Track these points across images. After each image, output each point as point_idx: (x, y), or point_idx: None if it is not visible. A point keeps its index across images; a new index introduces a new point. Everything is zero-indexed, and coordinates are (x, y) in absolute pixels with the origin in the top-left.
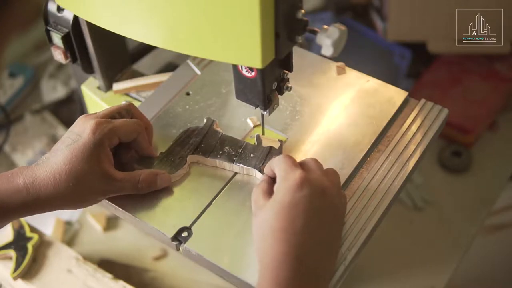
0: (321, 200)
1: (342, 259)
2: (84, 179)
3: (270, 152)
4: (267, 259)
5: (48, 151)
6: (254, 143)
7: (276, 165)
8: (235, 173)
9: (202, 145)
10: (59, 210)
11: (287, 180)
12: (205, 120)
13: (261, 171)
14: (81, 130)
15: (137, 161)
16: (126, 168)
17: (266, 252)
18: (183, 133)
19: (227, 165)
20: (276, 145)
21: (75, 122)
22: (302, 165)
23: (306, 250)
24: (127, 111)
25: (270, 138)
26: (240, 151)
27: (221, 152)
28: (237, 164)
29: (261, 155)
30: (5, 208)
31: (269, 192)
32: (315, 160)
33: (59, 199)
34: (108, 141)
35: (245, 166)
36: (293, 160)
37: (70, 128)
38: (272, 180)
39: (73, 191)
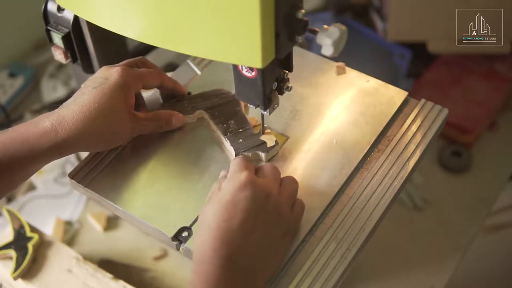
0: (264, 204)
1: (342, 259)
2: (113, 116)
3: (259, 146)
4: (199, 254)
5: None
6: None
7: (231, 165)
8: None
9: (218, 108)
10: (56, 209)
11: (233, 179)
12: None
13: (237, 156)
14: (108, 75)
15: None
16: None
17: (200, 247)
18: (213, 90)
19: (220, 136)
20: (271, 143)
21: (98, 71)
22: (257, 169)
23: (240, 249)
24: (142, 63)
25: (271, 136)
26: (239, 131)
27: (224, 122)
28: (226, 139)
29: (250, 144)
30: (35, 152)
31: None
32: (272, 167)
33: (89, 137)
34: (134, 84)
35: (229, 144)
36: (245, 163)
37: (93, 76)
38: None
39: (102, 128)
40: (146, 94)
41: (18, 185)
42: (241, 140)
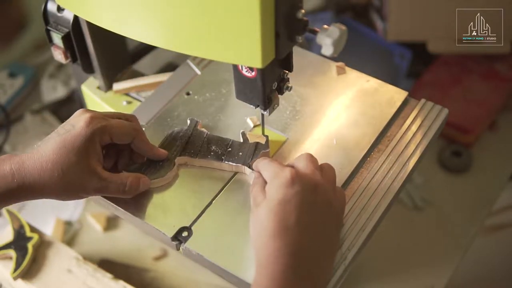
0: (314, 196)
1: (342, 259)
2: (70, 171)
3: (257, 148)
4: (262, 256)
5: None
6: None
7: (262, 169)
8: (235, 173)
9: (189, 146)
10: (56, 209)
11: (277, 178)
12: (188, 122)
13: (250, 167)
14: (75, 122)
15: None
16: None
17: (261, 249)
18: (168, 135)
19: (216, 163)
20: (262, 141)
21: (74, 113)
22: (295, 160)
23: (301, 245)
24: (126, 119)
25: (256, 135)
26: (228, 149)
27: (208, 151)
28: (225, 162)
29: (248, 151)
30: None
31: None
32: (308, 156)
33: (43, 188)
34: (99, 137)
35: (234, 164)
36: (278, 161)
37: (68, 119)
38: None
39: (57, 181)
40: (146, 94)
41: None
42: (240, 153)
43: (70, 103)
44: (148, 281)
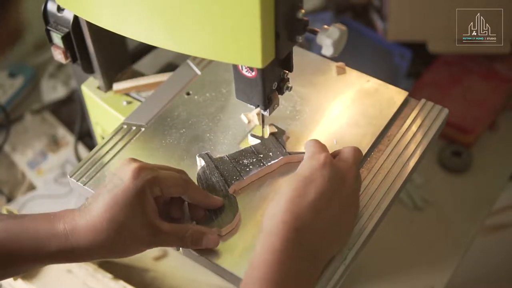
0: (340, 186)
1: (342, 259)
2: (126, 228)
3: (277, 137)
4: (268, 225)
5: (48, 151)
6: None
7: (306, 146)
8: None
9: (226, 175)
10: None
11: (312, 159)
12: (198, 160)
13: (290, 153)
14: (123, 175)
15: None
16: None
17: (270, 218)
18: (200, 182)
19: (262, 171)
20: (273, 129)
21: (120, 164)
22: (342, 148)
23: (308, 225)
24: (177, 171)
25: (268, 128)
26: (259, 156)
27: (245, 166)
28: (267, 164)
29: (275, 144)
30: (44, 250)
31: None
32: (354, 149)
33: (99, 249)
34: (149, 189)
35: (276, 160)
36: (322, 145)
37: (113, 171)
38: None
39: (114, 240)
40: (146, 94)
41: (14, 276)
42: (270, 153)
43: (70, 103)
44: (148, 281)
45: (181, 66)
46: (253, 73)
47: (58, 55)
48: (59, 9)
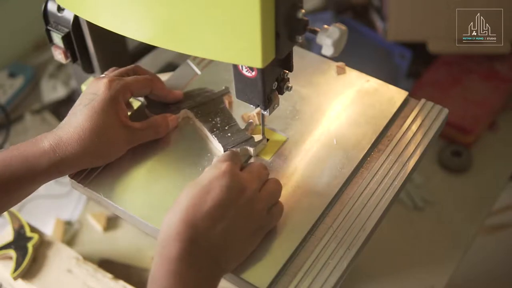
0: (237, 197)
1: (342, 259)
2: (107, 133)
3: (246, 141)
4: (163, 235)
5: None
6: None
7: (221, 156)
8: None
9: (202, 106)
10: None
11: (214, 167)
12: (223, 88)
13: (224, 151)
14: (96, 89)
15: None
16: None
17: (165, 228)
18: (197, 89)
19: (207, 133)
20: (258, 138)
21: (88, 85)
22: (246, 166)
23: (203, 235)
24: (134, 72)
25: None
26: (226, 128)
27: (210, 119)
28: (213, 136)
29: (238, 139)
30: (34, 170)
31: None
32: (261, 165)
33: (86, 156)
34: (122, 96)
35: (217, 141)
36: (232, 155)
37: (84, 91)
38: None
39: (98, 145)
40: None
41: (16, 204)
42: (228, 135)
43: (70, 103)
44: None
45: (181, 66)
46: (253, 73)
47: (58, 55)
48: (59, 9)
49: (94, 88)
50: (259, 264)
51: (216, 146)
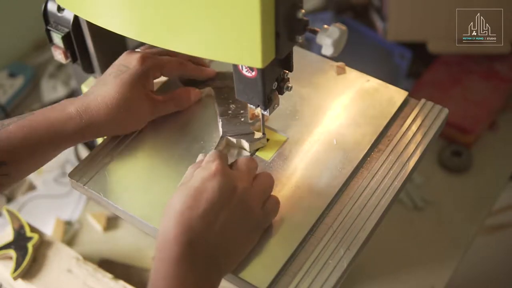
0: (230, 196)
1: (342, 259)
2: (133, 105)
3: (246, 135)
4: (161, 240)
5: None
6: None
7: (207, 156)
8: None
9: (227, 89)
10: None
11: (204, 169)
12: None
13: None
14: (128, 62)
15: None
16: None
17: (163, 233)
18: (230, 72)
19: (218, 116)
20: (258, 135)
21: (120, 57)
22: (234, 162)
23: (200, 237)
24: (167, 53)
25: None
26: (237, 116)
27: (227, 104)
28: (220, 119)
29: (239, 131)
30: (61, 134)
31: None
32: (248, 159)
33: (110, 124)
34: (152, 73)
35: (220, 125)
36: (219, 154)
37: (115, 63)
38: None
39: (123, 116)
40: None
41: (41, 166)
42: (236, 124)
43: None
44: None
45: None
46: (253, 73)
47: (58, 55)
48: (59, 9)
49: (126, 61)
50: (259, 264)
51: (219, 130)
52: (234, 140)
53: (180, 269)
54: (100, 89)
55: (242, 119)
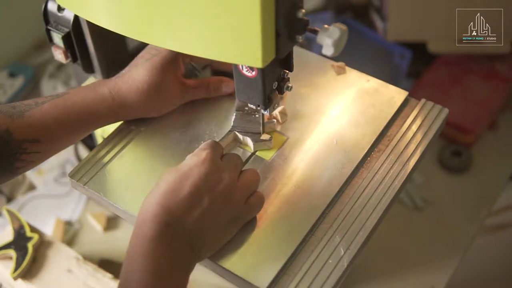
0: (214, 185)
1: (342, 259)
2: (163, 88)
3: (253, 134)
4: (141, 216)
5: None
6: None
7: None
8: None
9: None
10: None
11: (195, 155)
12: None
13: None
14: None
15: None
16: None
17: (144, 210)
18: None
19: (235, 110)
20: (265, 137)
21: None
22: (224, 155)
23: (179, 220)
24: None
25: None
26: (252, 114)
27: (246, 110)
28: (234, 114)
29: (247, 128)
30: (94, 114)
31: None
32: (236, 156)
33: (141, 106)
34: (182, 58)
35: (233, 119)
36: (214, 144)
37: (147, 47)
38: None
39: (154, 99)
40: None
41: (73, 144)
42: (247, 120)
43: None
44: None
45: None
46: (253, 73)
47: (59, 55)
48: (60, 9)
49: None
50: (259, 264)
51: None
52: (240, 136)
53: (155, 247)
54: (132, 71)
55: (256, 118)
